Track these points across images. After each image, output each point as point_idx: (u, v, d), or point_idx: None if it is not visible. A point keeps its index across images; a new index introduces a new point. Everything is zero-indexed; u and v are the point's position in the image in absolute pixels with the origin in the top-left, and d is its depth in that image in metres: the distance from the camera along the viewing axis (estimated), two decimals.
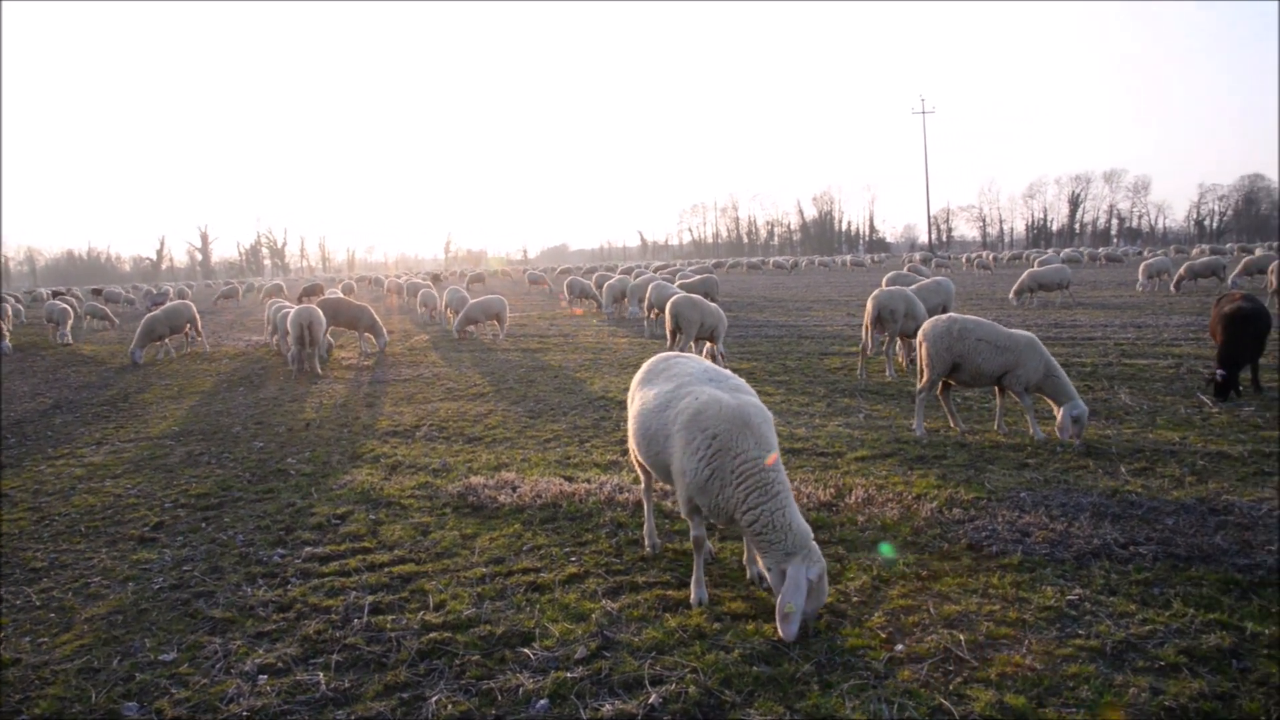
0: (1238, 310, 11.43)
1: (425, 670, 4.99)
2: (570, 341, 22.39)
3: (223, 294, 54.06)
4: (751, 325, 25.28)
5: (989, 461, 8.84)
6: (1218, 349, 11.52)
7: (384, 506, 8.14)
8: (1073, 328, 21.00)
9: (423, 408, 13.44)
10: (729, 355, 17.76)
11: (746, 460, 5.19)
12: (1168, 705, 4.29)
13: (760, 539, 5.12)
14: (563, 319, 30.14)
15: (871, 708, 4.28)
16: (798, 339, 20.99)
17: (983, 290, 36.71)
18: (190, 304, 23.23)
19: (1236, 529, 6.65)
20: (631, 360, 18.00)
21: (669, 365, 6.27)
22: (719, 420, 5.32)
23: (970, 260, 70.39)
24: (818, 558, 5.04)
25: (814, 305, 32.51)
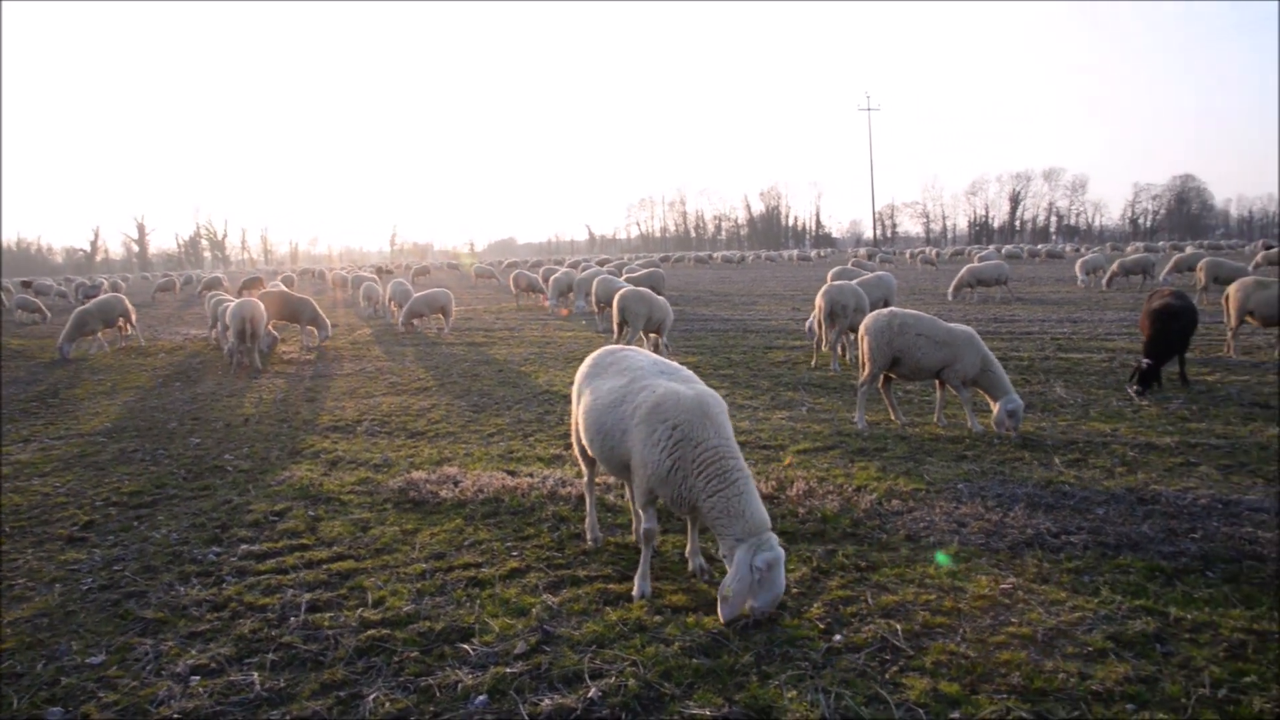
0: (1165, 306, 11.76)
1: (363, 668, 4.92)
2: (516, 335, 22.27)
3: (159, 287, 52.77)
4: (697, 319, 25.38)
5: (928, 453, 8.98)
6: (1147, 342, 11.81)
7: (323, 503, 8.02)
8: (1011, 322, 21.43)
9: (365, 402, 13.26)
10: (674, 349, 17.81)
11: (708, 449, 5.22)
12: (1095, 690, 4.39)
13: (716, 524, 5.17)
14: (509, 312, 29.96)
15: (809, 698, 4.32)
16: (743, 333, 21.13)
17: (925, 285, 37.29)
18: (123, 297, 22.62)
19: (1163, 518, 6.84)
20: (577, 354, 17.95)
21: (616, 359, 6.24)
22: (679, 411, 5.34)
23: (914, 256, 71.44)
24: (770, 547, 5.03)
25: (760, 300, 32.74)
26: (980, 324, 20.40)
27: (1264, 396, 11.26)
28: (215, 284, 42.51)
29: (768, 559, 4.99)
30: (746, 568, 4.99)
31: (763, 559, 4.99)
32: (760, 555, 4.99)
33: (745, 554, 5.01)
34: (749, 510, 5.10)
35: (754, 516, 5.10)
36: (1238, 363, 14.01)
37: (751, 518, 5.09)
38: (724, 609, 5.09)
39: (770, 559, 5.00)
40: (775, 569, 5.03)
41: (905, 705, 4.30)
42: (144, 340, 23.65)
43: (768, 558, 5.00)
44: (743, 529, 5.07)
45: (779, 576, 5.06)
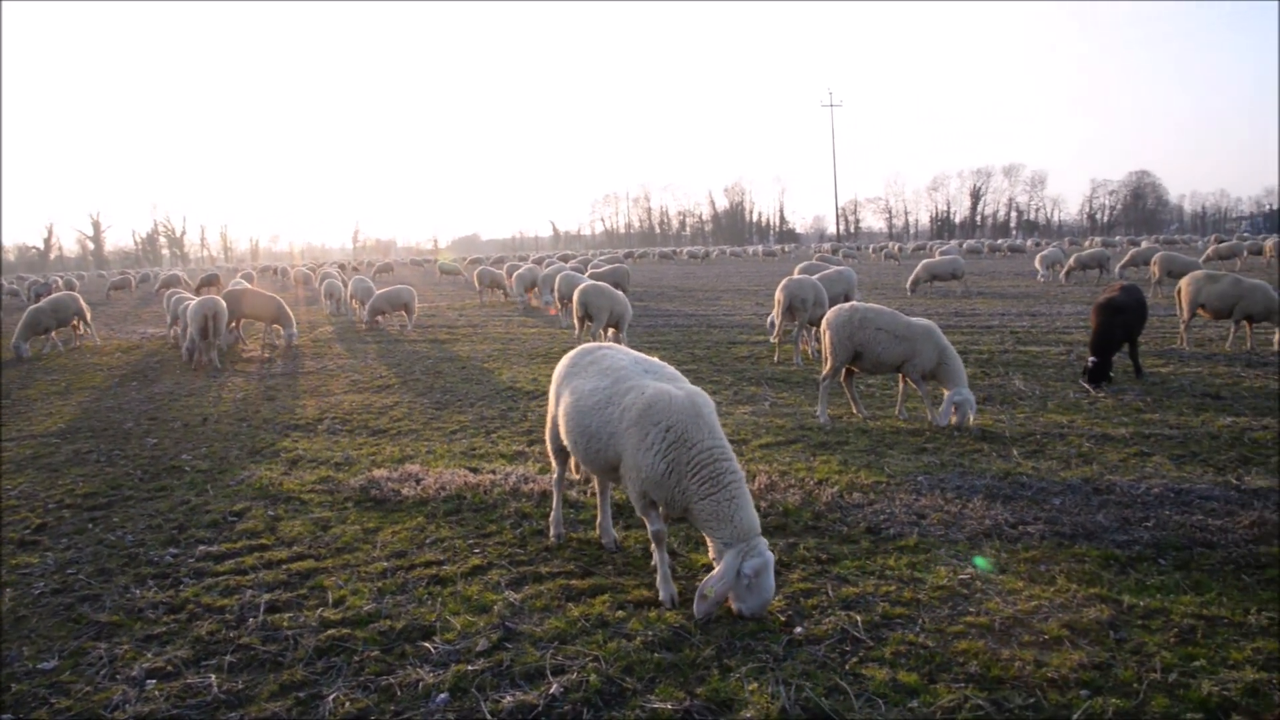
0: (1108, 301, 11.94)
1: (323, 668, 4.88)
2: (479, 332, 22.16)
3: (114, 285, 51.82)
4: (661, 315, 25.41)
5: (889, 446, 9.06)
6: (1092, 334, 11.99)
7: (283, 502, 7.93)
8: (972, 316, 21.69)
9: (326, 400, 13.14)
10: (638, 345, 17.81)
11: (702, 451, 5.17)
12: (1050, 677, 4.46)
13: (706, 527, 5.14)
14: (472, 309, 29.79)
15: (770, 690, 4.35)
16: (706, 328, 21.19)
17: (888, 280, 37.61)
18: (78, 295, 22.19)
19: (1117, 507, 6.96)
20: (540, 350, 17.91)
21: (595, 358, 6.13)
22: (671, 413, 5.27)
23: (877, 251, 72.09)
24: (758, 552, 4.99)
25: (723, 295, 32.85)
26: (941, 318, 20.63)
27: (1215, 388, 11.50)
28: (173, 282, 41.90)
29: (756, 565, 4.96)
30: (734, 573, 4.97)
31: (751, 565, 4.96)
32: (749, 561, 4.97)
33: (733, 559, 4.98)
34: (738, 515, 5.06)
35: (744, 521, 5.06)
36: (1190, 354, 14.29)
37: (741, 523, 5.05)
38: (699, 606, 5.08)
39: (758, 565, 4.97)
40: (763, 575, 5.00)
41: (865, 696, 4.34)
42: (99, 339, 23.23)
43: (756, 564, 4.97)
44: (731, 533, 5.03)
45: (767, 582, 5.03)
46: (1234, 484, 7.43)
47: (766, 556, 5.01)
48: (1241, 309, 14.09)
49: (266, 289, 28.48)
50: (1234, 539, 6.21)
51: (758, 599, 5.03)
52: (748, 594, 5.01)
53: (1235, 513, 6.71)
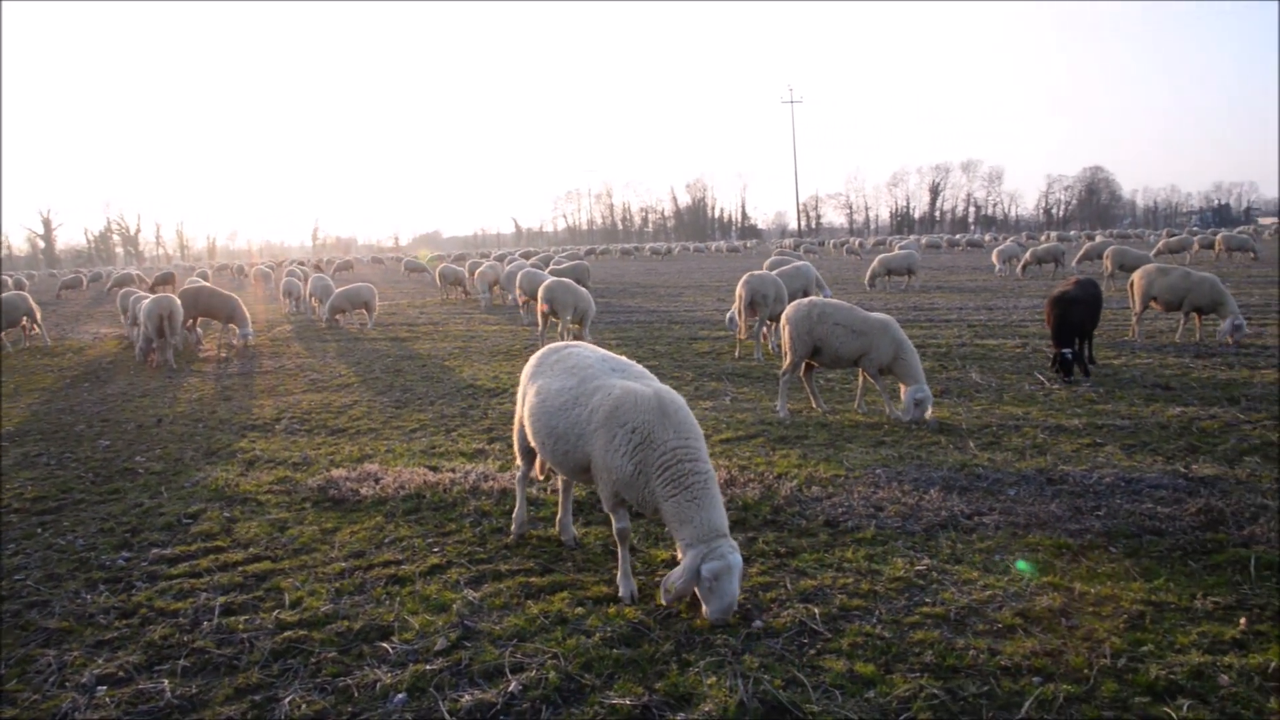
0: (1062, 295, 12.12)
1: (279, 670, 4.83)
2: (440, 330, 22.02)
3: (65, 284, 50.79)
4: (623, 311, 25.42)
5: (848, 440, 9.14)
6: (1051, 328, 12.11)
7: (239, 503, 7.83)
8: (930, 310, 21.94)
9: (284, 400, 12.98)
10: (600, 341, 17.80)
11: (666, 451, 5.08)
12: (1003, 664, 4.53)
13: (670, 527, 5.07)
14: (433, 307, 29.60)
15: (728, 683, 4.37)
16: (668, 324, 21.24)
17: (849, 275, 37.90)
18: (27, 295, 21.72)
19: (1070, 496, 7.08)
20: (502, 348, 17.84)
21: (562, 357, 6.04)
22: (638, 413, 5.20)
23: (838, 246, 72.70)
24: (719, 555, 4.84)
25: (685, 291, 32.94)
26: (900, 312, 20.83)
27: (1165, 378, 11.73)
28: (126, 281, 41.17)
29: (714, 569, 4.83)
30: (693, 574, 4.87)
31: (709, 568, 4.84)
32: (707, 564, 4.84)
33: (692, 559, 4.88)
34: (700, 516, 4.94)
35: (705, 523, 4.94)
36: (1142, 346, 14.57)
37: (702, 524, 4.93)
38: (664, 597, 5.08)
39: (717, 569, 4.84)
40: (723, 579, 4.85)
41: (822, 687, 4.38)
42: (50, 340, 22.76)
43: (714, 567, 4.83)
44: (692, 534, 4.93)
45: (728, 586, 4.87)
46: (1182, 472, 7.58)
47: (728, 560, 4.86)
48: (1190, 301, 14.38)
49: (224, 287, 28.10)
50: (1182, 526, 6.34)
51: (719, 603, 4.89)
52: (710, 597, 4.90)
53: (1183, 500, 6.85)
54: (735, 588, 4.92)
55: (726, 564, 4.85)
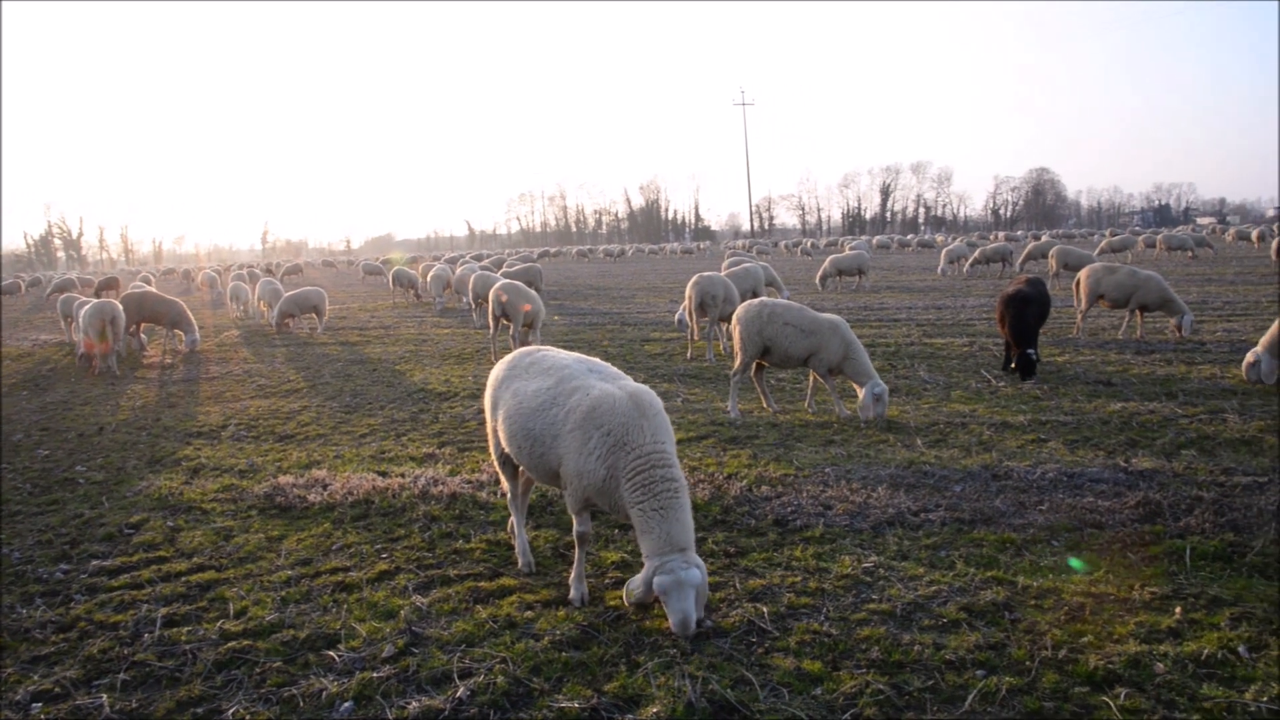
0: (1019, 293, 12.28)
1: (222, 682, 4.74)
2: (391, 334, 21.81)
3: (3, 289, 49.35)
4: (576, 313, 25.39)
5: (798, 440, 9.22)
6: (1009, 331, 12.18)
7: (183, 512, 7.68)
8: (880, 310, 22.20)
9: (231, 406, 12.77)
10: (552, 343, 17.75)
11: (639, 456, 4.94)
12: (948, 659, 4.60)
13: (636, 533, 4.94)
14: (385, 310, 29.30)
15: (676, 684, 4.38)
16: (621, 325, 21.27)
17: (801, 276, 38.19)
18: None
19: (1014, 492, 7.21)
20: (453, 351, 17.73)
21: (536, 359, 5.87)
22: (614, 415, 5.05)
23: (791, 247, 73.35)
24: (669, 570, 4.68)
25: (638, 293, 33.00)
26: (850, 312, 21.06)
27: (1107, 375, 11.99)
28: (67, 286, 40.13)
29: (663, 584, 4.69)
30: (647, 587, 4.78)
31: (659, 583, 4.70)
32: (658, 578, 4.70)
33: (646, 573, 4.78)
34: (660, 529, 4.79)
35: (667, 535, 4.78)
36: (1085, 343, 14.88)
37: (663, 536, 4.77)
38: (626, 599, 5.10)
39: (665, 584, 4.69)
40: (671, 595, 4.70)
41: (769, 686, 4.41)
42: None
43: (663, 582, 4.69)
44: (652, 546, 4.79)
45: (676, 603, 4.70)
46: (1122, 466, 7.75)
47: (679, 575, 4.68)
48: (1138, 299, 14.71)
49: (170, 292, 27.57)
50: (1121, 519, 6.49)
51: (673, 618, 4.74)
52: (667, 610, 4.77)
53: (1123, 494, 7.01)
54: (687, 605, 4.71)
55: (675, 579, 4.68)
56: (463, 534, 6.77)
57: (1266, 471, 7.43)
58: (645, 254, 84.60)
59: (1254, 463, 7.73)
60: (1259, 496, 6.80)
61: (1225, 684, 4.25)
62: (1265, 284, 25.40)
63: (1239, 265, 34.65)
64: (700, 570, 4.78)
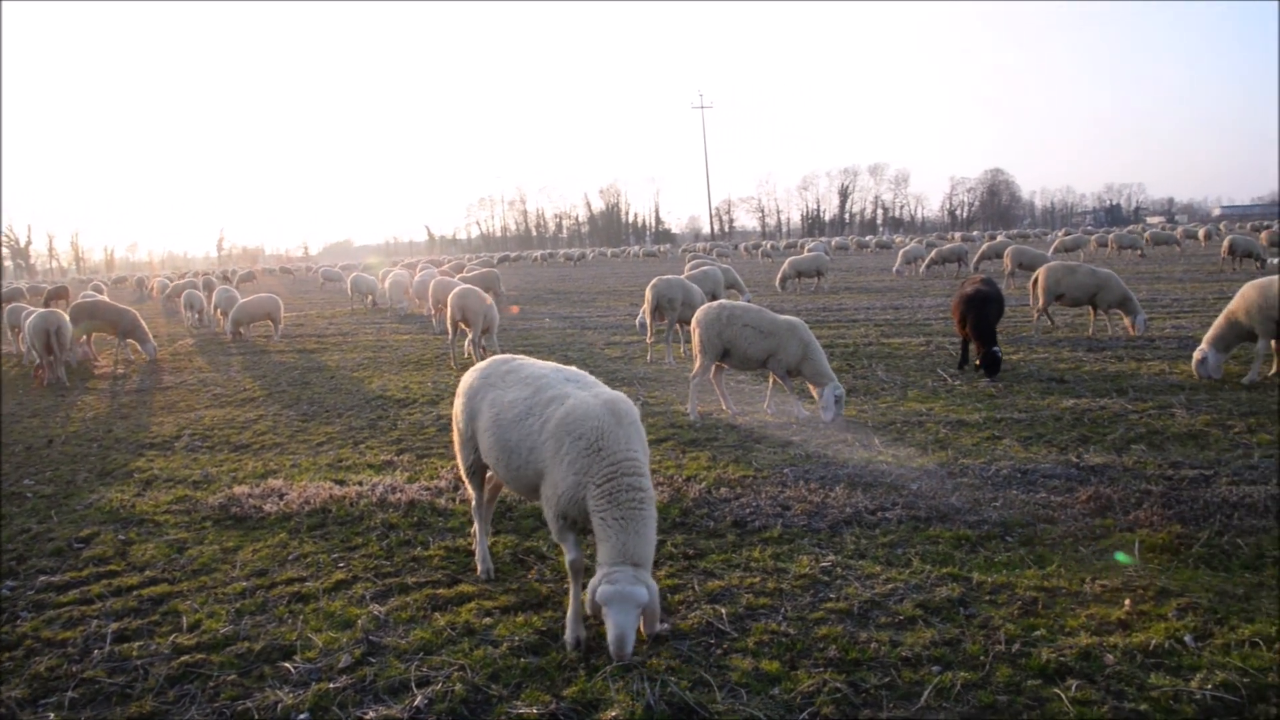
0: (978, 293, 12.33)
1: (175, 696, 4.67)
2: (350, 340, 21.60)
3: None
4: (536, 317, 25.33)
5: (757, 441, 9.27)
6: (973, 330, 12.13)
7: (135, 525, 7.54)
8: (839, 310, 22.39)
9: (185, 416, 12.56)
10: (512, 348, 17.69)
11: (610, 464, 4.76)
12: (904, 655, 4.65)
13: (596, 540, 4.74)
14: (343, 317, 29.01)
15: (635, 687, 4.38)
16: (581, 329, 21.26)
17: (761, 278, 38.40)
18: None
19: (969, 489, 7.31)
20: (412, 357, 17.60)
21: (513, 368, 5.70)
22: (588, 421, 4.90)
23: (750, 250, 73.82)
24: (611, 580, 4.46)
25: (599, 296, 33.00)
26: (809, 313, 21.21)
27: (1060, 372, 12.20)
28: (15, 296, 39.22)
29: (605, 594, 4.47)
30: (590, 595, 4.60)
31: (601, 593, 4.49)
32: (602, 587, 4.49)
33: (593, 581, 4.60)
34: (618, 538, 4.57)
35: (622, 547, 4.56)
36: (1039, 341, 15.11)
37: (618, 547, 4.56)
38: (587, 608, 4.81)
39: (608, 595, 4.46)
40: (612, 606, 4.47)
41: (728, 686, 4.42)
42: None
43: (605, 593, 4.47)
44: (605, 555, 4.61)
45: (617, 617, 4.45)
46: (1074, 462, 7.89)
47: (621, 588, 4.44)
48: (1101, 297, 14.96)
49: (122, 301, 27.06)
50: (1073, 514, 6.60)
51: (610, 633, 4.48)
52: (607, 626, 4.52)
53: (1075, 489, 7.13)
54: (626, 621, 4.46)
55: (617, 592, 4.44)
56: (421, 541, 6.72)
57: (1212, 465, 7.60)
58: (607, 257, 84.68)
59: (1200, 456, 7.90)
60: (1205, 489, 6.95)
61: (1172, 673, 4.34)
62: (1211, 281, 25.99)
63: (1186, 263, 35.44)
64: (649, 591, 4.51)
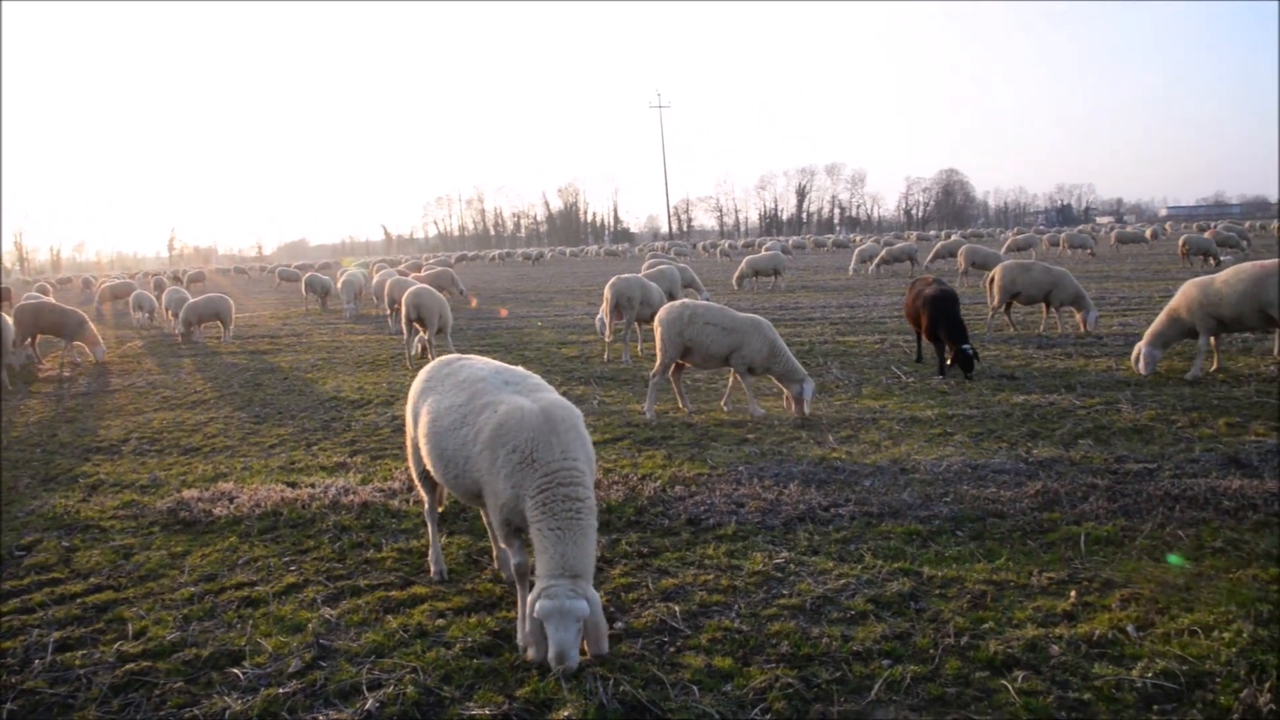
0: (941, 293, 12.16)
1: (119, 706, 4.57)
2: (303, 341, 21.34)
3: None
4: (493, 317, 25.20)
5: (713, 439, 9.31)
6: (944, 330, 11.90)
7: (80, 531, 7.38)
8: (795, 309, 22.57)
9: (133, 420, 12.32)
10: (468, 348, 17.58)
11: (545, 474, 4.60)
12: (855, 650, 4.69)
13: (535, 551, 4.60)
14: (297, 317, 28.64)
15: (588, 686, 4.37)
16: (538, 329, 21.18)
17: (719, 277, 38.55)
18: None
19: (921, 485, 7.40)
20: (367, 358, 17.43)
21: (453, 370, 5.55)
22: (521, 430, 4.72)
23: (708, 249, 74.16)
24: (553, 595, 4.34)
25: (556, 296, 32.94)
26: (766, 312, 21.26)
27: (1010, 369, 12.40)
28: None
29: (544, 609, 4.34)
30: (530, 610, 4.46)
31: (540, 607, 4.35)
32: (541, 601, 4.36)
33: (532, 595, 4.45)
34: (556, 549, 4.43)
35: (560, 558, 4.42)
36: (990, 339, 15.34)
37: (556, 559, 4.42)
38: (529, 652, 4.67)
39: (547, 609, 4.34)
40: (551, 621, 4.35)
41: (680, 684, 4.43)
42: None
43: (544, 607, 4.34)
44: (544, 567, 4.46)
45: (556, 631, 4.35)
46: (1023, 457, 8.02)
47: (560, 603, 4.32)
48: (1055, 295, 15.23)
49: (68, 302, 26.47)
50: (1022, 508, 6.70)
51: (550, 649, 4.39)
52: (547, 640, 4.42)
53: (1024, 483, 7.24)
54: (567, 636, 4.36)
55: (556, 606, 4.32)
56: (374, 543, 6.66)
57: (1156, 459, 7.77)
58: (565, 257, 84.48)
59: (1145, 450, 8.07)
60: (1148, 483, 7.10)
61: (1115, 662, 4.43)
62: (1158, 279, 26.56)
63: (1134, 262, 36.19)
64: (590, 603, 4.41)
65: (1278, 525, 6.13)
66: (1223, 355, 12.01)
